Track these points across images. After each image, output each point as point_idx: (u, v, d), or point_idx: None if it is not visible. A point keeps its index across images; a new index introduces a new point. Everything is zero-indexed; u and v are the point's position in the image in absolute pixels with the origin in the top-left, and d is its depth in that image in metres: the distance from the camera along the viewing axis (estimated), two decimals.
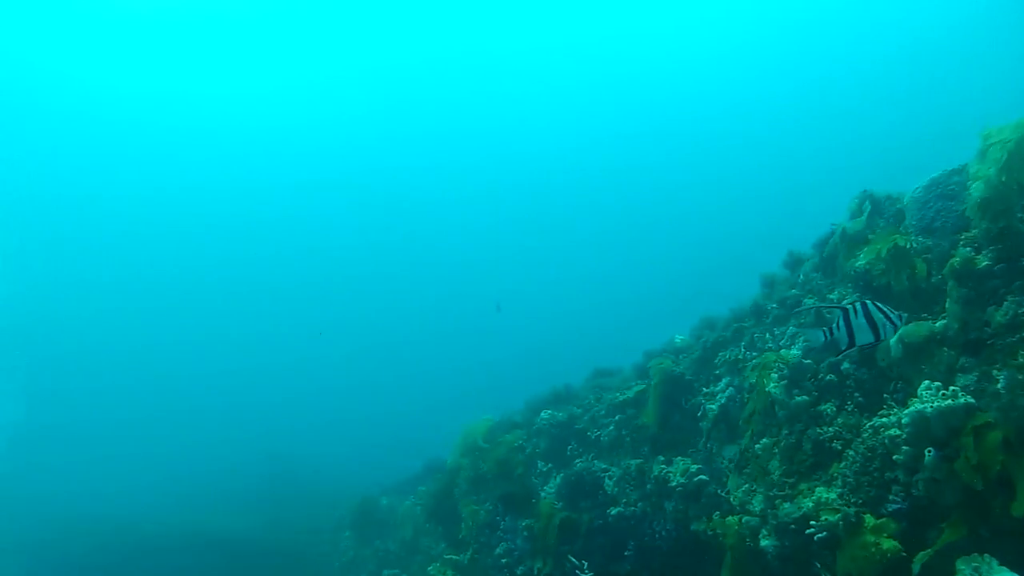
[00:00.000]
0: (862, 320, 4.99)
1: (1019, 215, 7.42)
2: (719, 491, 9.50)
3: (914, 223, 8.60)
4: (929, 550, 6.75)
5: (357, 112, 63.97)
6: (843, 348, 5.09)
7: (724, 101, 62.53)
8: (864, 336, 5.02)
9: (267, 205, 67.27)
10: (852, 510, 7.46)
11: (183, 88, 61.66)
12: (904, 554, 6.94)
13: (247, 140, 65.22)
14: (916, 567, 6.74)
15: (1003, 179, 7.45)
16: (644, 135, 64.43)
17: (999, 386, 6.60)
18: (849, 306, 5.01)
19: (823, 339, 5.25)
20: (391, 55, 60.68)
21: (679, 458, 10.25)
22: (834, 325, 5.00)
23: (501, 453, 13.03)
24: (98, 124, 61.32)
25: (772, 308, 10.21)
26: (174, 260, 65.65)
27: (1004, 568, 6.24)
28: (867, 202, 9.31)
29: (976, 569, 6.40)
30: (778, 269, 10.81)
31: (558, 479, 11.90)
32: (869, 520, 7.31)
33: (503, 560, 11.89)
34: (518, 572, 11.60)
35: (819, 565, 7.65)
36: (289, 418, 44.45)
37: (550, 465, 12.76)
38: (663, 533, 10.21)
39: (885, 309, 5.01)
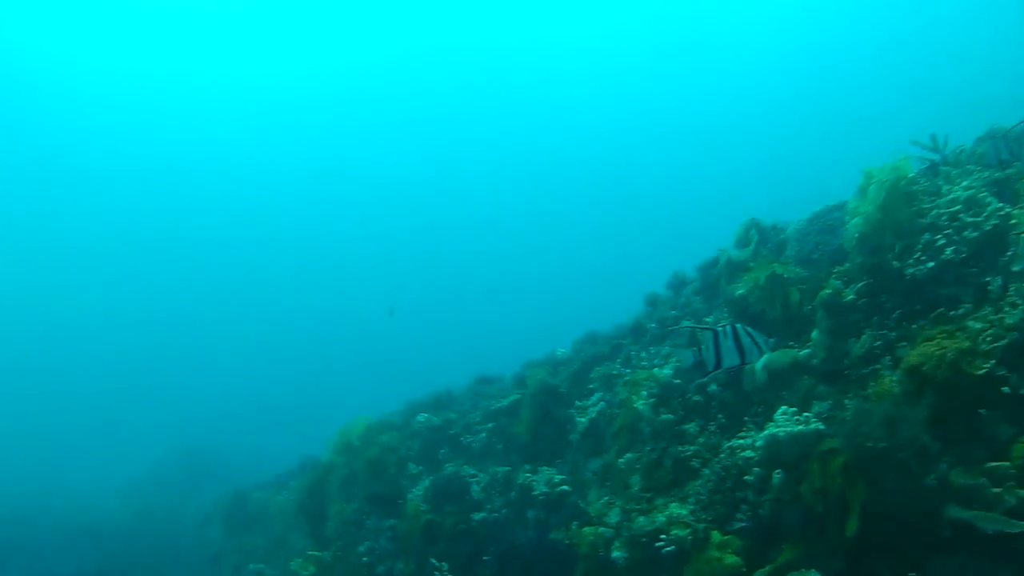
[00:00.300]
0: (730, 343, 5.12)
1: (890, 254, 7.75)
2: (580, 502, 9.61)
3: (793, 254, 8.92)
4: (768, 567, 6.95)
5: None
6: (710, 369, 5.22)
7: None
8: (731, 359, 5.16)
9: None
10: (702, 526, 7.62)
11: (180, 72, 60.85)
12: (744, 570, 7.15)
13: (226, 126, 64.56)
14: None
15: (879, 217, 7.78)
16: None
17: (847, 414, 6.85)
18: (719, 329, 5.13)
19: (692, 360, 5.37)
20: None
21: (545, 468, 10.36)
22: (703, 346, 5.11)
23: (374, 453, 13.01)
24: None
25: (651, 327, 10.42)
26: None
27: None
28: (753, 230, 9.61)
29: None
30: (663, 289, 11.05)
31: (427, 482, 11.89)
32: (716, 536, 7.49)
33: (364, 559, 11.85)
34: (379, 571, 11.55)
35: None
36: (219, 407, 44.03)
37: (421, 468, 12.77)
38: (523, 540, 10.29)
39: (753, 334, 5.16)
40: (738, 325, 5.16)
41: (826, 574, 6.68)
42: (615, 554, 8.23)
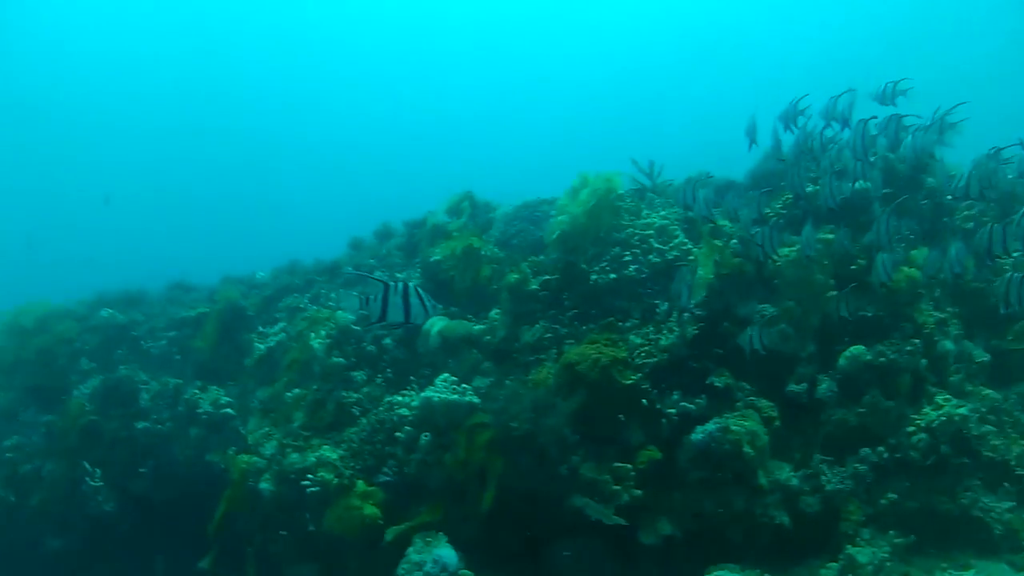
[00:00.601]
0: (398, 300, 5.09)
1: (582, 257, 8.16)
2: (242, 428, 9.51)
3: (497, 234, 9.19)
4: (404, 524, 7.18)
5: None
6: (374, 320, 5.21)
7: None
8: (396, 315, 5.13)
9: None
10: (348, 473, 7.72)
11: None
12: (381, 522, 7.34)
13: None
14: (389, 535, 7.14)
15: (584, 222, 8.16)
16: None
17: (502, 393, 7.17)
18: (392, 284, 5.12)
19: (357, 305, 5.35)
20: None
21: (215, 387, 10.15)
22: (371, 297, 5.08)
23: (45, 341, 12.00)
24: None
25: (347, 270, 10.40)
26: None
27: (448, 546, 6.89)
28: (467, 202, 9.79)
29: (427, 543, 6.93)
30: (370, 237, 11.03)
31: (96, 381, 11.23)
32: (360, 486, 7.60)
33: (9, 455, 11.02)
34: (24, 470, 10.81)
35: (308, 516, 7.85)
36: None
37: (94, 365, 12.03)
38: (181, 458, 10.02)
39: (423, 296, 5.16)
40: (410, 284, 5.18)
41: (458, 540, 7.00)
42: (262, 486, 8.16)
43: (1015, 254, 6.71)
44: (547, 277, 8.18)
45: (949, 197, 8.18)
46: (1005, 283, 5.82)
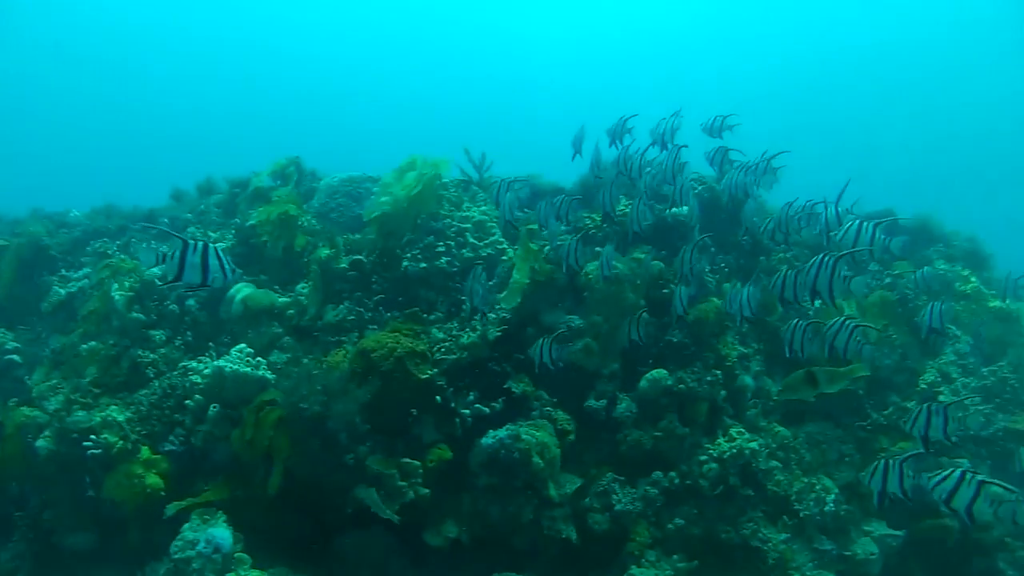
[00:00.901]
0: (196, 260, 4.76)
1: (399, 242, 7.87)
2: (27, 378, 8.86)
3: (317, 205, 8.81)
4: (188, 500, 6.76)
5: None
6: (169, 280, 4.85)
7: None
8: (192, 275, 4.80)
9: None
10: (134, 437, 7.24)
11: None
12: (163, 494, 6.88)
13: None
14: (171, 510, 6.70)
15: (406, 206, 7.87)
16: None
17: (296, 372, 6.83)
18: (191, 242, 4.76)
19: (153, 261, 4.99)
20: None
21: (2, 330, 9.45)
22: (169, 254, 4.72)
23: None
24: None
25: (164, 221, 9.83)
26: None
27: (225, 526, 6.52)
28: (293, 167, 9.37)
29: (205, 521, 6.56)
30: (193, 189, 10.46)
31: None
32: (145, 452, 7.13)
33: None
34: None
35: (88, 480, 7.34)
36: None
37: None
38: None
39: (224, 259, 4.84)
40: (211, 245, 4.82)
41: (242, 522, 6.65)
42: (40, 443, 7.58)
43: (817, 303, 6.76)
44: (358, 257, 7.88)
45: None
46: (791, 329, 5.82)
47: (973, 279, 10.00)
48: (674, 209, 8.08)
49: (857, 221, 5.75)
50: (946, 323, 7.32)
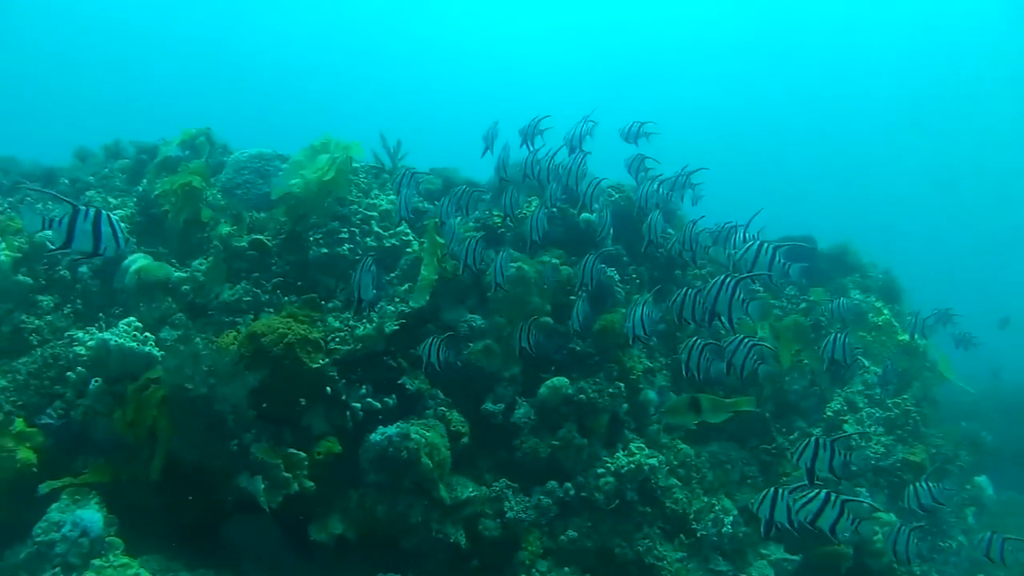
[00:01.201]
0: (88, 227, 4.46)
1: (309, 228, 7.60)
2: None
3: (224, 180, 8.47)
4: (66, 479, 6.34)
5: None
6: (57, 246, 4.53)
7: None
8: (83, 243, 4.50)
9: None
10: (7, 408, 6.84)
11: None
12: (36, 470, 6.42)
13: None
14: (43, 489, 6.30)
15: (317, 190, 7.56)
16: None
17: (182, 349, 6.51)
18: (83, 208, 4.46)
19: (39, 226, 4.66)
20: None
21: None
22: (57, 220, 4.42)
23: None
24: None
25: (64, 182, 9.36)
26: None
27: (96, 507, 6.14)
28: (204, 138, 8.98)
29: (75, 501, 6.17)
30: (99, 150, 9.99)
31: None
32: (19, 424, 6.71)
33: None
34: None
35: None
36: None
37: None
38: None
39: (118, 227, 4.55)
40: (104, 212, 4.53)
41: (124, 506, 6.27)
42: None
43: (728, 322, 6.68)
44: (259, 237, 7.55)
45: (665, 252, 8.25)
46: (687, 348, 5.70)
47: (885, 311, 10.11)
48: (585, 214, 7.92)
49: (757, 243, 5.62)
50: (854, 354, 7.29)
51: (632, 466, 7.08)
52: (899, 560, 5.88)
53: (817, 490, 4.34)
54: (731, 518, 7.39)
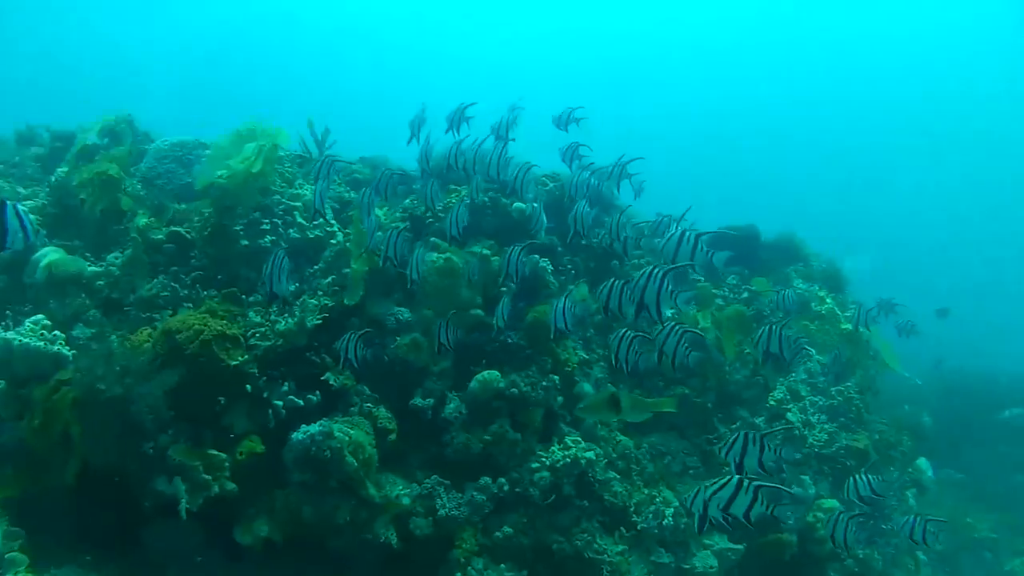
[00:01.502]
0: None
1: (236, 220, 7.30)
2: None
3: (144, 169, 8.12)
4: None
5: None
6: None
7: None
8: None
9: None
10: None
11: None
12: None
13: None
14: None
15: (243, 180, 7.22)
16: None
17: (95, 348, 6.21)
18: None
19: None
20: None
21: None
22: None
23: None
24: None
25: None
26: None
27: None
28: (125, 125, 8.62)
29: None
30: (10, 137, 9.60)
31: None
32: None
33: None
34: None
35: None
36: None
37: None
38: None
39: (26, 218, 4.25)
40: (10, 203, 4.22)
41: (36, 517, 6.02)
42: None
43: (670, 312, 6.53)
44: (177, 229, 7.24)
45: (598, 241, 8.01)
46: (616, 339, 5.51)
47: (829, 300, 10.05)
48: (517, 204, 7.72)
49: (680, 231, 5.43)
50: (797, 345, 7.16)
51: (568, 460, 6.91)
52: (838, 546, 5.87)
53: (728, 477, 4.16)
54: (672, 510, 7.26)
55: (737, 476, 4.17)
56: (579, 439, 7.15)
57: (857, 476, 6.36)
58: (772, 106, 57.96)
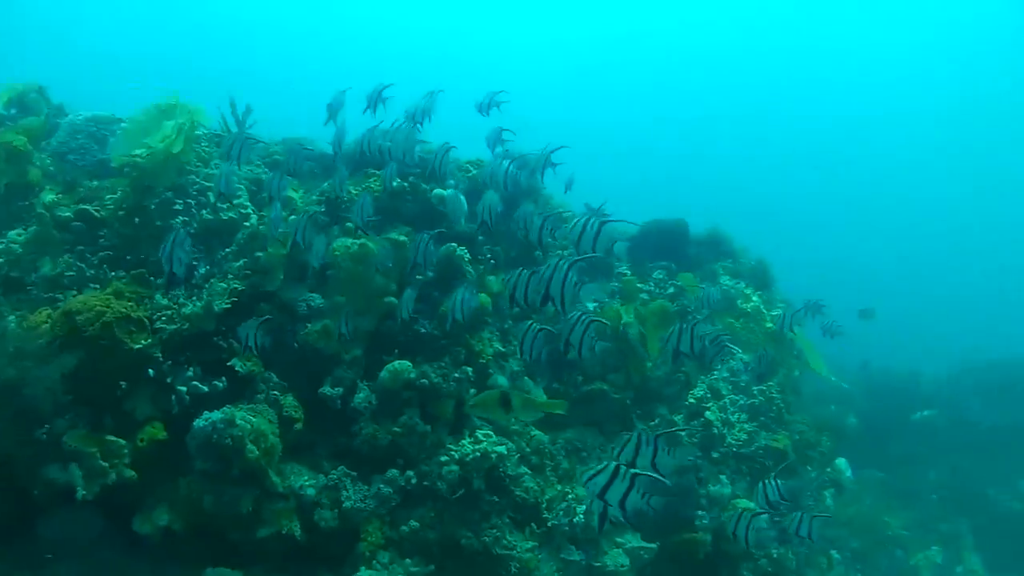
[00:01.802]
0: None
1: (150, 199, 7.10)
2: None
3: (55, 144, 7.86)
4: None
5: None
6: None
7: None
8: None
9: None
10: None
11: None
12: None
13: None
14: None
15: (163, 159, 7.00)
16: None
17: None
18: None
19: None
20: None
21: None
22: None
23: None
24: None
25: None
26: None
27: None
28: (36, 94, 8.29)
29: None
30: None
31: None
32: None
33: None
34: None
35: None
36: None
37: None
38: None
39: None
40: None
41: None
42: None
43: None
44: (85, 207, 7.01)
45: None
46: (522, 332, 5.46)
47: (755, 298, 10.07)
48: (437, 190, 7.62)
49: (584, 218, 5.37)
50: (705, 345, 7.11)
51: (478, 454, 6.82)
52: (737, 542, 5.75)
53: (607, 463, 4.10)
54: (584, 507, 7.16)
55: (615, 463, 4.09)
56: (491, 433, 7.06)
57: (766, 481, 6.37)
58: (764, 111, 58.46)
